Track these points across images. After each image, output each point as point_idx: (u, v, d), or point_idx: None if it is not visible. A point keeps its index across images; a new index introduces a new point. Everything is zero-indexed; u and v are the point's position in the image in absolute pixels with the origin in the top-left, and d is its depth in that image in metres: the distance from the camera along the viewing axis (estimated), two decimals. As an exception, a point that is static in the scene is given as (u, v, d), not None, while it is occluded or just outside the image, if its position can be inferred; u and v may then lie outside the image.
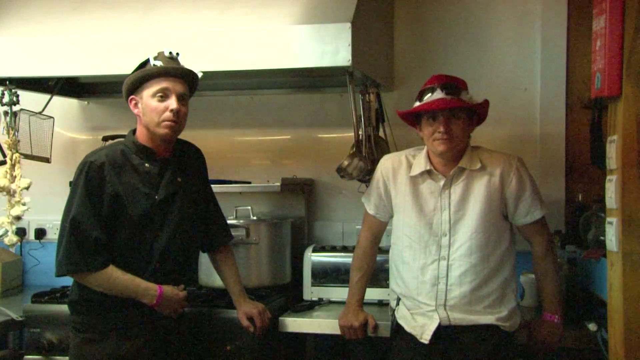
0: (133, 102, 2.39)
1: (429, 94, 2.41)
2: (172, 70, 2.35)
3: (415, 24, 3.36)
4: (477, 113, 2.48)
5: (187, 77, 2.40)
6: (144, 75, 2.33)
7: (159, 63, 2.33)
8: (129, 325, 2.34)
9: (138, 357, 2.33)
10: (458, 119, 2.39)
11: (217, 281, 2.79)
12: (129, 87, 2.37)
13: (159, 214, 2.37)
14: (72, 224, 2.29)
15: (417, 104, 2.45)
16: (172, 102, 2.32)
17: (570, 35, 3.16)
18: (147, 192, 2.36)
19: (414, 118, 2.50)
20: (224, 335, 2.67)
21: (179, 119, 2.35)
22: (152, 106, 2.33)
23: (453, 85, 2.40)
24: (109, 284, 2.31)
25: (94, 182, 2.30)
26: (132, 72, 2.37)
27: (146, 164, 2.38)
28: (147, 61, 2.36)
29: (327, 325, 2.76)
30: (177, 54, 2.39)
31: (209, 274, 2.93)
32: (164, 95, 2.33)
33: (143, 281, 2.34)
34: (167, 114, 2.32)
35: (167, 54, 2.37)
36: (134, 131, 2.45)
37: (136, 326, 2.34)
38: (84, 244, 2.28)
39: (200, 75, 2.43)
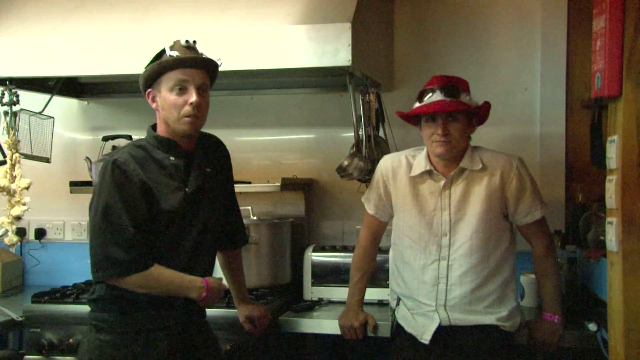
0: (150, 95, 2.23)
1: (429, 95, 2.41)
2: (188, 60, 2.17)
3: (415, 24, 3.36)
4: (477, 114, 2.48)
5: (206, 66, 2.23)
6: (159, 67, 2.18)
7: (175, 53, 2.17)
8: (158, 326, 2.19)
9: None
10: (457, 121, 2.38)
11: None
12: (145, 80, 2.23)
13: (190, 207, 2.23)
14: (104, 219, 2.13)
15: (417, 104, 2.45)
16: (192, 95, 2.16)
17: (570, 35, 3.16)
18: (176, 185, 2.21)
19: (414, 118, 2.50)
20: (224, 335, 2.67)
21: (199, 113, 2.19)
22: (171, 100, 2.17)
23: (453, 87, 2.40)
24: (154, 283, 2.16)
25: (121, 179, 2.14)
26: (149, 64, 2.24)
27: (171, 158, 2.23)
28: (163, 51, 2.20)
29: (327, 325, 2.76)
30: (194, 41, 2.23)
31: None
32: (182, 88, 2.17)
33: (186, 275, 2.20)
34: (187, 108, 2.16)
35: (183, 42, 2.20)
36: (153, 127, 2.29)
37: (163, 329, 2.19)
38: (124, 242, 2.11)
39: (220, 62, 2.28)
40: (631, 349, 2.04)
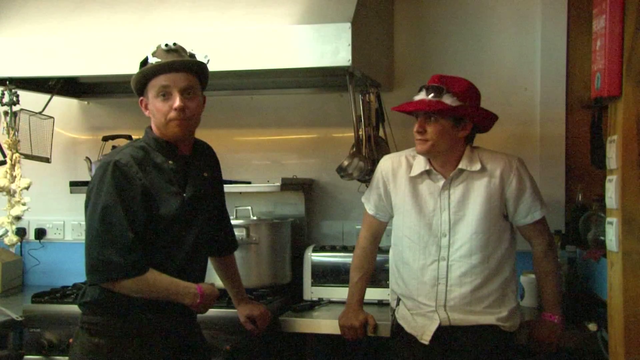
0: (143, 103, 2.22)
1: (417, 93, 2.43)
2: (167, 66, 2.14)
3: (415, 24, 3.36)
4: (475, 120, 2.46)
5: (189, 68, 2.19)
6: (142, 76, 2.17)
7: (156, 60, 2.15)
8: (154, 329, 2.18)
9: None
10: (436, 121, 2.38)
11: (216, 281, 2.78)
12: (135, 89, 2.23)
13: (187, 213, 2.21)
14: (102, 221, 2.09)
15: None
16: (175, 100, 2.14)
17: (570, 35, 3.16)
18: (174, 191, 2.19)
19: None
20: (224, 336, 2.67)
21: (186, 115, 2.16)
22: (157, 107, 2.16)
23: (437, 87, 2.39)
24: (149, 288, 2.13)
25: (122, 182, 2.11)
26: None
27: (170, 161, 2.21)
28: (147, 59, 2.18)
29: (327, 325, 2.76)
30: (174, 44, 2.18)
31: (208, 274, 2.93)
32: (166, 94, 2.15)
33: (180, 281, 2.18)
34: (172, 114, 2.14)
35: (164, 46, 2.17)
36: (151, 127, 2.27)
37: (158, 332, 2.18)
38: (122, 246, 2.08)
39: (206, 60, 2.26)
40: (631, 349, 2.04)
